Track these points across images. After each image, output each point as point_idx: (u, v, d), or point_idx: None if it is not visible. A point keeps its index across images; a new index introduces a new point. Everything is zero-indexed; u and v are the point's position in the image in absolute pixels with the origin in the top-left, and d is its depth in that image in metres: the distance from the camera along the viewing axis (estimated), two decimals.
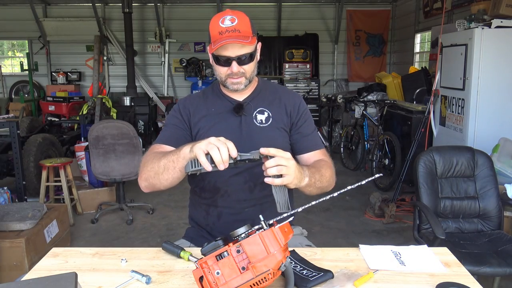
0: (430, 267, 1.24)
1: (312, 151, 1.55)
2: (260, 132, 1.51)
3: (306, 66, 7.92)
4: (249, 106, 1.53)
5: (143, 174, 1.38)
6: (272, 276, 0.98)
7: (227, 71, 1.43)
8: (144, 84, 8.78)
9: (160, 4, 8.78)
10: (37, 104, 8.43)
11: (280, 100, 1.57)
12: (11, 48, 10.03)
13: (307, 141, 1.56)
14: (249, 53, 1.41)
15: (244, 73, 1.44)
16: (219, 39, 1.36)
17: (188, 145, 1.23)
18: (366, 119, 5.54)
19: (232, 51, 1.38)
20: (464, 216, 2.46)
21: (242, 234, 1.01)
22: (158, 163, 1.31)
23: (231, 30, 1.36)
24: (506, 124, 3.63)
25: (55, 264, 1.29)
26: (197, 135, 1.52)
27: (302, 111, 1.58)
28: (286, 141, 1.55)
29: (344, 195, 4.40)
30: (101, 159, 3.94)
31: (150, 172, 1.34)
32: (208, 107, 1.55)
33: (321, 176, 1.39)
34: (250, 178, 1.49)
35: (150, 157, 1.40)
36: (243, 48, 1.38)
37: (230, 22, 1.37)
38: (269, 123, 1.53)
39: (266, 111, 1.54)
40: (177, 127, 1.53)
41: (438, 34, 4.51)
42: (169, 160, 1.28)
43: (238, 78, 1.44)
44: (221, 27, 1.37)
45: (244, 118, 1.52)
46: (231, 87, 1.47)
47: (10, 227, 2.85)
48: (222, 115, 1.53)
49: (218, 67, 1.44)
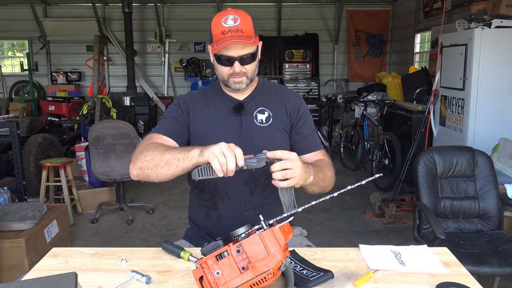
0: (430, 267, 1.24)
1: (312, 151, 1.54)
2: (260, 132, 1.50)
3: (306, 66, 7.92)
4: (249, 106, 1.52)
5: (139, 162, 1.32)
6: (272, 276, 0.98)
7: (229, 71, 1.43)
8: (144, 84, 8.78)
9: (160, 4, 8.78)
10: (37, 104, 8.43)
11: (280, 99, 1.57)
12: (11, 48, 10.03)
13: (307, 141, 1.55)
14: (251, 53, 1.40)
15: (246, 73, 1.44)
16: (222, 39, 1.35)
17: (197, 148, 1.21)
18: (366, 119, 5.54)
19: (235, 51, 1.38)
20: (464, 216, 2.46)
21: (242, 234, 1.01)
22: (161, 157, 1.27)
23: (234, 30, 1.35)
24: (506, 124, 3.63)
25: (55, 264, 1.29)
26: (196, 132, 1.51)
27: (302, 111, 1.57)
28: (286, 142, 1.55)
29: (344, 195, 4.40)
30: (101, 159, 3.94)
31: (149, 163, 1.29)
32: (208, 105, 1.54)
33: (323, 176, 1.39)
34: (251, 179, 1.49)
35: (150, 146, 1.35)
36: (245, 48, 1.38)
37: (233, 22, 1.37)
38: (270, 123, 1.52)
39: (266, 111, 1.53)
40: (177, 120, 1.51)
41: (438, 34, 4.51)
42: (174, 157, 1.25)
43: (240, 78, 1.44)
44: (224, 26, 1.36)
45: (244, 118, 1.51)
46: (233, 87, 1.46)
47: (10, 227, 2.84)
48: (222, 114, 1.52)
49: (220, 66, 1.44)
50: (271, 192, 1.52)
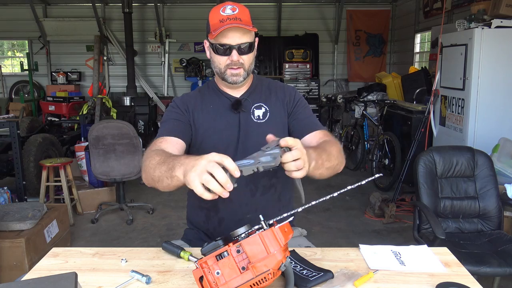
0: (430, 267, 1.24)
1: (312, 131, 1.48)
2: (258, 129, 1.48)
3: (306, 66, 7.93)
4: (247, 102, 1.51)
5: (143, 173, 1.31)
6: (272, 276, 0.97)
7: (227, 61, 1.40)
8: (144, 84, 8.78)
9: (160, 4, 8.78)
10: (37, 104, 8.43)
11: (276, 94, 1.56)
12: (11, 48, 10.03)
13: (305, 123, 1.52)
14: (249, 42, 1.38)
15: (243, 64, 1.41)
16: (220, 26, 1.34)
17: (180, 167, 1.08)
18: (366, 119, 5.55)
19: (233, 38, 1.36)
20: (464, 216, 2.46)
21: (242, 234, 1.01)
22: (153, 172, 1.21)
23: (232, 18, 1.34)
24: (506, 124, 3.63)
25: (55, 264, 1.29)
26: (196, 133, 1.50)
27: (297, 99, 1.56)
28: (285, 135, 1.49)
29: (344, 195, 4.41)
30: (101, 159, 3.94)
31: (148, 177, 1.26)
32: (206, 104, 1.53)
33: (328, 155, 1.28)
34: (251, 181, 1.46)
35: (147, 156, 1.29)
36: (244, 36, 1.36)
37: (231, 11, 1.35)
38: (267, 119, 1.51)
39: (263, 106, 1.52)
40: (178, 120, 1.48)
41: (438, 34, 4.51)
42: (163, 175, 1.17)
43: (237, 69, 1.41)
44: (222, 15, 1.35)
45: (242, 115, 1.50)
46: (230, 79, 1.43)
47: (10, 227, 2.84)
48: (221, 112, 1.50)
49: (218, 56, 1.41)
50: (273, 194, 1.52)
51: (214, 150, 1.44)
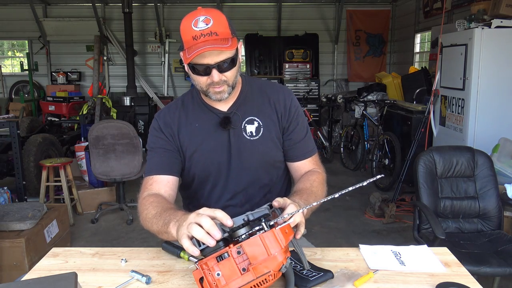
0: (430, 267, 1.24)
1: (304, 159, 1.46)
2: (251, 147, 1.39)
3: (306, 66, 7.93)
4: (236, 117, 1.38)
5: (141, 222, 1.27)
6: (273, 277, 0.97)
7: (207, 81, 1.26)
8: (144, 84, 8.78)
9: (160, 4, 8.78)
10: (37, 104, 8.43)
11: (269, 101, 1.43)
12: (11, 48, 10.03)
13: (298, 148, 1.45)
14: (230, 58, 1.23)
15: (226, 81, 1.26)
16: (193, 45, 1.18)
17: (175, 223, 1.08)
18: (366, 119, 5.55)
19: (211, 58, 1.20)
20: (464, 216, 2.46)
21: (242, 235, 1.00)
22: (151, 227, 1.20)
23: (206, 34, 1.17)
24: (506, 124, 3.63)
25: (55, 264, 1.29)
26: (185, 159, 1.41)
27: (293, 112, 1.44)
28: (279, 152, 1.45)
29: (344, 195, 4.40)
30: (101, 159, 3.94)
31: (146, 227, 1.24)
32: (190, 122, 1.40)
33: (315, 198, 1.30)
34: (247, 201, 1.43)
35: (146, 207, 1.25)
36: (222, 53, 1.20)
37: (205, 24, 1.18)
38: (260, 135, 1.40)
39: (256, 120, 1.40)
40: (165, 149, 1.38)
41: (438, 34, 4.51)
42: (160, 230, 1.16)
43: (220, 87, 1.27)
44: (195, 30, 1.18)
45: (232, 132, 1.37)
46: (213, 97, 1.30)
47: (10, 227, 2.84)
48: (208, 130, 1.38)
49: (197, 77, 1.26)
50: None
51: (204, 174, 1.41)
